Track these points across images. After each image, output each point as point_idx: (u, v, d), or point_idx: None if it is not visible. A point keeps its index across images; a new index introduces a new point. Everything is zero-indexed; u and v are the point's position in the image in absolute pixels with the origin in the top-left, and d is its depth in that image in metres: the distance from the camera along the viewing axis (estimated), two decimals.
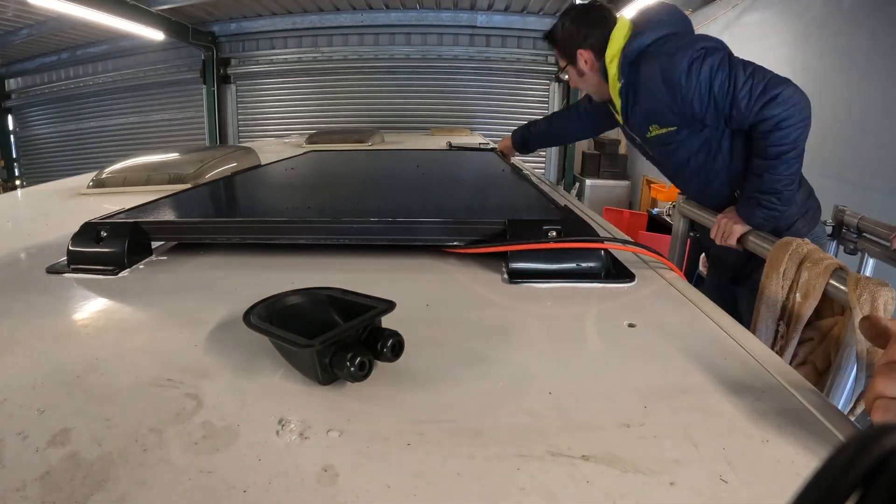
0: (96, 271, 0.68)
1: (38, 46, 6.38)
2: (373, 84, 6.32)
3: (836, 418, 0.37)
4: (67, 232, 0.72)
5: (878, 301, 0.77)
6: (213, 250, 0.77)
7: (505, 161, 1.66)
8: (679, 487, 0.30)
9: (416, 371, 0.43)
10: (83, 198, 1.25)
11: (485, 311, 0.56)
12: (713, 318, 0.55)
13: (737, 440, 0.34)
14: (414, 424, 0.36)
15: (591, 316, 0.55)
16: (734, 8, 3.83)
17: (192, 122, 6.61)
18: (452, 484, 0.30)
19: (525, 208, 0.92)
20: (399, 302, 0.59)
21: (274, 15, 6.12)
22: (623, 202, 5.59)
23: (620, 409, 0.38)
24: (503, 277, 0.65)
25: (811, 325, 0.92)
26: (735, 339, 0.49)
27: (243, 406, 0.38)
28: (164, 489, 0.30)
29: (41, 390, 0.40)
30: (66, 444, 0.33)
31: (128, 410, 0.37)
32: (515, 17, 6.00)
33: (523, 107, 6.31)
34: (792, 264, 0.92)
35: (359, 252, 0.75)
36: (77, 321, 0.55)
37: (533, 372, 0.43)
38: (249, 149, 1.70)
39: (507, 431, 0.35)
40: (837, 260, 0.88)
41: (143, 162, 1.42)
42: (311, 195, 1.12)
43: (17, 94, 7.23)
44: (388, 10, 5.98)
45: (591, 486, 0.30)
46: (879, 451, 0.14)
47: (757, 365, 0.45)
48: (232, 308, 0.57)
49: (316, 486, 0.30)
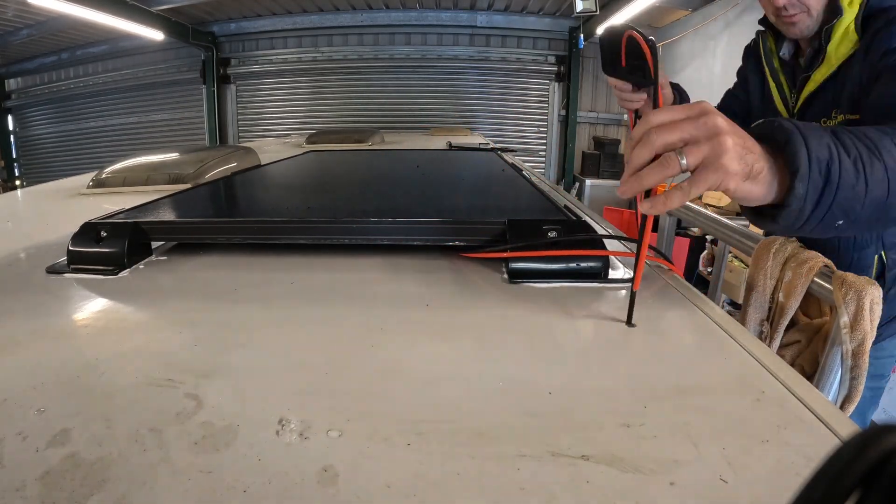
0: (96, 271, 0.68)
1: (38, 46, 6.38)
2: (373, 84, 6.32)
3: (835, 418, 0.37)
4: (67, 232, 0.72)
5: (865, 300, 0.77)
6: (213, 250, 0.77)
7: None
8: (679, 487, 0.30)
9: (416, 371, 0.43)
10: (83, 198, 1.25)
11: (485, 310, 0.56)
12: (713, 317, 0.55)
13: (737, 440, 0.34)
14: (414, 424, 0.36)
15: (591, 316, 0.55)
16: (734, 7, 3.83)
17: (191, 122, 6.61)
18: (452, 484, 0.30)
19: (525, 208, 0.92)
20: (399, 302, 0.59)
21: (274, 15, 6.12)
22: (623, 202, 5.59)
23: (620, 409, 0.38)
24: (503, 277, 0.65)
25: (798, 327, 0.92)
26: (735, 339, 0.49)
27: (243, 406, 0.38)
28: (164, 489, 0.30)
29: (41, 390, 0.40)
30: (65, 444, 0.33)
31: (128, 410, 0.37)
32: (515, 17, 6.00)
33: (523, 107, 6.31)
34: (776, 264, 0.91)
35: (359, 252, 0.75)
36: (77, 321, 0.55)
37: (533, 372, 0.43)
38: (249, 149, 1.70)
39: (507, 431, 0.35)
40: (824, 258, 0.86)
41: (143, 162, 1.42)
42: (311, 195, 1.12)
43: (17, 94, 7.23)
44: (388, 10, 5.98)
45: (591, 486, 0.30)
46: (879, 451, 0.14)
47: (757, 365, 0.45)
48: (232, 308, 0.57)
49: (316, 486, 0.30)
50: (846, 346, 0.78)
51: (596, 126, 6.40)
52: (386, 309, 0.56)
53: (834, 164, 0.48)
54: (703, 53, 4.57)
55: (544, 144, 6.41)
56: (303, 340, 0.49)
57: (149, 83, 6.63)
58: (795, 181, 0.47)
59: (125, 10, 4.56)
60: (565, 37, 6.05)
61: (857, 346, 0.79)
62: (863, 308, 0.77)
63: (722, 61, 4.12)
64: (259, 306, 0.58)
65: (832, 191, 0.48)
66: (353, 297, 0.61)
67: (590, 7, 4.19)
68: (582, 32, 5.56)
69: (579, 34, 5.58)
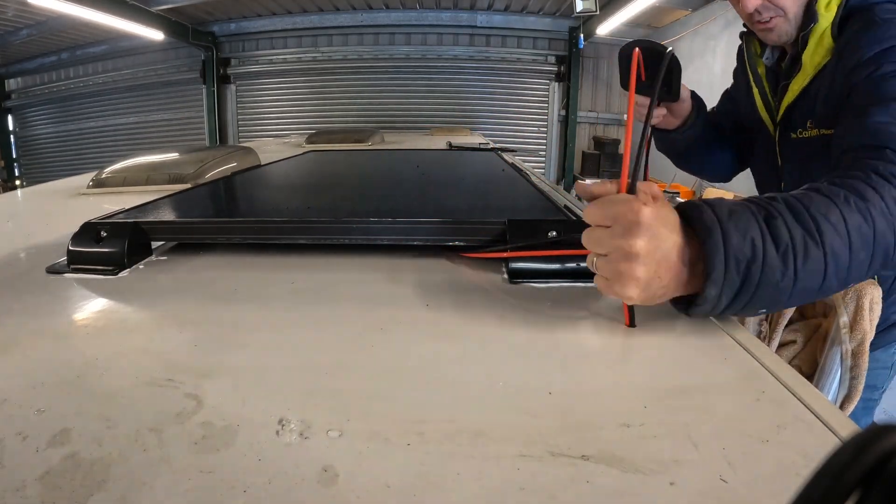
0: (96, 271, 0.68)
1: (38, 46, 6.39)
2: (373, 84, 6.33)
3: (835, 418, 0.37)
4: (67, 232, 0.72)
5: (864, 300, 0.77)
6: (213, 250, 0.77)
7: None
8: (679, 487, 0.30)
9: (416, 371, 0.43)
10: (83, 198, 1.25)
11: (485, 310, 0.56)
12: (713, 317, 0.55)
13: (737, 440, 0.34)
14: (414, 424, 0.36)
15: (591, 315, 0.55)
16: None
17: (191, 122, 6.62)
18: (452, 484, 0.30)
19: (525, 208, 0.92)
20: (399, 302, 0.59)
21: (274, 15, 6.13)
22: None
23: (620, 409, 0.38)
24: (503, 277, 0.65)
25: (796, 327, 0.92)
26: (735, 339, 0.49)
27: (243, 406, 0.38)
28: (164, 489, 0.30)
29: (41, 390, 0.40)
30: (65, 444, 0.33)
31: (128, 410, 0.37)
32: (515, 16, 6.00)
33: (523, 107, 6.32)
34: None
35: (359, 252, 0.75)
36: (77, 321, 0.55)
37: (533, 372, 0.43)
38: (249, 149, 1.70)
39: (507, 431, 0.35)
40: None
41: (143, 162, 1.42)
42: (311, 195, 1.12)
43: (17, 94, 7.24)
44: (388, 10, 5.99)
45: (591, 486, 0.30)
46: (879, 451, 0.14)
47: (757, 365, 0.45)
48: (232, 308, 0.57)
49: (316, 486, 0.30)
50: (846, 345, 0.78)
51: (596, 126, 6.40)
52: (386, 309, 0.56)
53: (755, 264, 0.45)
54: (703, 53, 4.57)
55: (544, 144, 6.41)
56: (303, 340, 0.49)
57: (149, 83, 6.64)
58: (707, 284, 0.46)
59: (125, 10, 4.57)
60: (565, 37, 6.06)
61: (856, 346, 0.79)
62: (862, 308, 0.77)
63: (722, 61, 4.13)
64: (259, 306, 0.58)
65: (750, 290, 0.46)
66: (353, 297, 0.61)
67: (590, 7, 4.20)
68: (582, 32, 5.57)
69: (579, 34, 5.59)
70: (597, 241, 0.48)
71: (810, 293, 0.50)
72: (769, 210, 0.48)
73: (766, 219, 0.47)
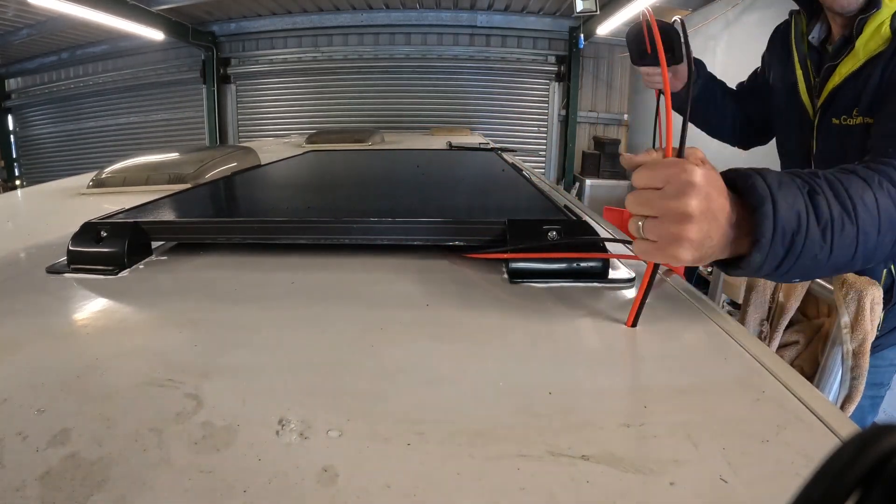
0: (96, 271, 0.68)
1: (38, 46, 6.38)
2: (373, 84, 6.32)
3: (835, 418, 0.37)
4: (67, 232, 0.72)
5: (865, 300, 0.77)
6: (213, 250, 0.77)
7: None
8: (679, 487, 0.30)
9: (416, 371, 0.43)
10: (83, 198, 1.25)
11: (485, 310, 0.56)
12: (713, 317, 0.55)
13: (737, 440, 0.34)
14: (414, 424, 0.36)
15: (591, 315, 0.55)
16: (734, 7, 3.83)
17: (191, 122, 6.61)
18: (452, 484, 0.30)
19: (525, 208, 0.92)
20: (399, 302, 0.59)
21: (274, 15, 6.12)
22: (623, 202, 5.59)
23: (620, 409, 0.38)
24: (503, 277, 0.65)
25: (797, 327, 0.92)
26: (735, 339, 0.49)
27: (243, 406, 0.38)
28: (164, 489, 0.30)
29: (41, 390, 0.40)
30: (65, 444, 0.33)
31: (128, 410, 0.37)
32: (515, 16, 6.00)
33: (523, 106, 6.31)
34: None
35: (359, 252, 0.75)
36: (77, 321, 0.55)
37: (533, 372, 0.43)
38: (249, 149, 1.70)
39: (507, 431, 0.35)
40: None
41: (143, 162, 1.42)
42: (311, 195, 1.12)
43: (17, 94, 7.23)
44: (388, 9, 5.98)
45: (591, 486, 0.30)
46: (879, 451, 0.14)
47: (757, 365, 0.45)
48: (232, 308, 0.57)
49: (316, 486, 0.30)
50: (847, 346, 0.78)
51: (596, 126, 6.39)
52: (386, 309, 0.56)
53: (799, 236, 0.47)
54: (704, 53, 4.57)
55: (544, 144, 6.41)
56: (303, 340, 0.49)
57: (149, 83, 6.63)
58: (754, 250, 0.47)
59: (125, 10, 4.57)
60: (565, 37, 6.05)
61: (857, 346, 0.79)
62: (863, 308, 0.77)
63: (722, 61, 4.12)
64: (259, 306, 0.58)
65: (792, 260, 0.48)
66: (353, 297, 0.61)
67: (590, 7, 4.19)
68: (582, 32, 5.56)
69: (579, 34, 5.58)
70: (646, 202, 0.47)
71: (839, 268, 0.53)
72: (812, 186, 0.50)
73: (810, 193, 0.49)
